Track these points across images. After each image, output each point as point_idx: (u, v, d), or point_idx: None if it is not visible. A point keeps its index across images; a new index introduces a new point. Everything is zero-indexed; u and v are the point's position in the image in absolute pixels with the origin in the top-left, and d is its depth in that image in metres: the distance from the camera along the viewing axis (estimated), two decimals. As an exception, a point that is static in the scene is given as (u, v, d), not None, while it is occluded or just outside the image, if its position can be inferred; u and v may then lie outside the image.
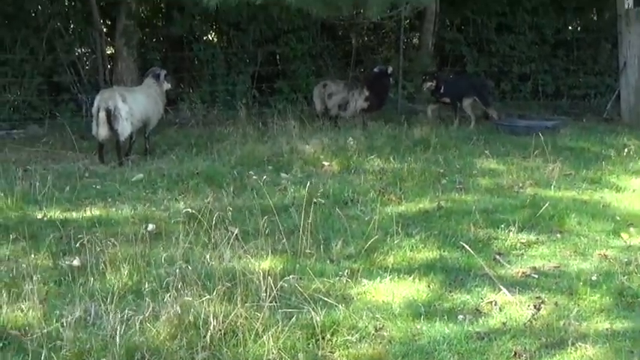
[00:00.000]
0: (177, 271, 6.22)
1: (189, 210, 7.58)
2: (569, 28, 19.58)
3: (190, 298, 5.68)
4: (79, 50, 16.28)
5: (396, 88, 17.01)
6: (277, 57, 17.91)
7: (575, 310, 6.01)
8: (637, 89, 16.15)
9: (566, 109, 17.68)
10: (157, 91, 12.34)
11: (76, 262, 6.80)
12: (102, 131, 11.40)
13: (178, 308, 5.52)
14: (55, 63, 15.52)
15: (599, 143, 13.04)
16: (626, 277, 6.61)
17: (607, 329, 5.69)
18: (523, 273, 6.84)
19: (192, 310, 5.51)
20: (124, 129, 11.42)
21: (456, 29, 18.87)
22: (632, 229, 8.01)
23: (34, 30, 15.49)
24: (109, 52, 16.38)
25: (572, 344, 5.39)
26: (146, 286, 6.20)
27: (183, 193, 9.38)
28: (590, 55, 18.91)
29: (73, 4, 15.98)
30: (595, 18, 19.99)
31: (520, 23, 18.65)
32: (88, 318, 5.64)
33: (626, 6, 16.27)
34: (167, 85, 12.51)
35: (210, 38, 17.98)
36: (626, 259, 7.11)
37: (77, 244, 7.06)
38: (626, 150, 12.00)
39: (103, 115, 11.28)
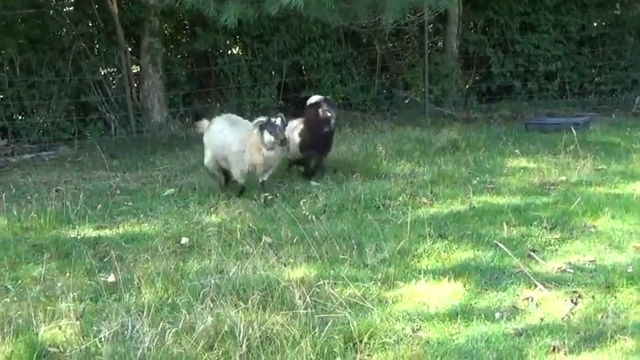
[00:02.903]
0: (212, 282, 6.26)
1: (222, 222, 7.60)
2: (593, 24, 19.47)
3: (226, 309, 5.70)
4: (105, 70, 16.33)
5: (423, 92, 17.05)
6: (302, 67, 17.91)
7: (613, 303, 5.97)
8: (664, 82, 16.08)
9: (594, 105, 17.65)
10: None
11: (111, 279, 6.84)
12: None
13: (214, 319, 5.53)
14: (82, 83, 15.57)
15: (629, 137, 12.97)
16: (663, 268, 6.56)
17: (646, 321, 5.64)
18: (558, 268, 6.79)
19: (227, 320, 5.51)
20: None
21: (480, 31, 18.77)
22: (667, 220, 7.97)
23: (60, 52, 15.58)
24: (134, 71, 16.47)
25: (611, 337, 5.34)
26: (181, 298, 6.21)
27: (214, 206, 9.39)
28: (615, 50, 18.80)
29: (97, 24, 16.03)
30: (619, 13, 19.86)
31: (543, 22, 18.56)
32: (125, 332, 5.61)
33: (651, -2, 16.21)
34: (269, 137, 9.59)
35: (235, 52, 18.01)
36: (662, 251, 7.06)
37: (111, 261, 7.12)
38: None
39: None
